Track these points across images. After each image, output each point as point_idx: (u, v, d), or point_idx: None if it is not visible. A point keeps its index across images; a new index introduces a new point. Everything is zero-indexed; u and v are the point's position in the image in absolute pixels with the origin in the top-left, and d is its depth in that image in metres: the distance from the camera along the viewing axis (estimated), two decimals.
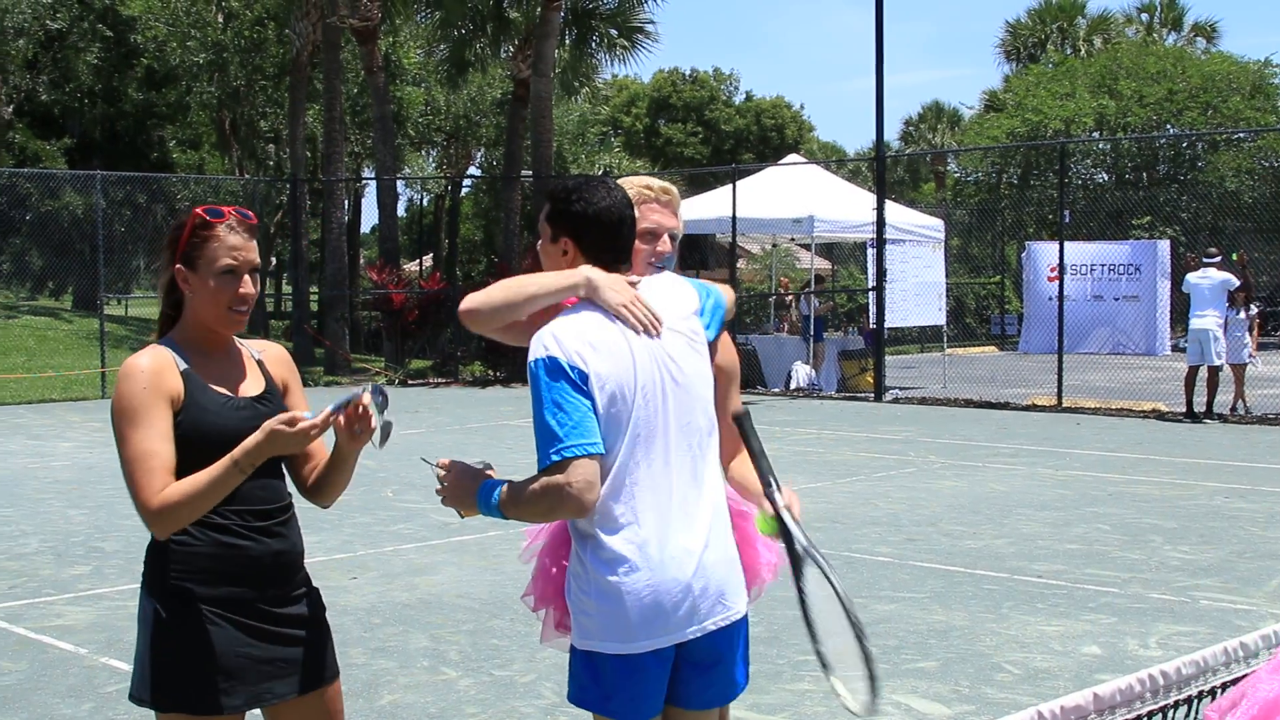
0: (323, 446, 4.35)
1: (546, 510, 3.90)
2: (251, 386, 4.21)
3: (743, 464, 4.66)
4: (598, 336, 3.96)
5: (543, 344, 3.93)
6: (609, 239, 4.14)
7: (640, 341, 3.99)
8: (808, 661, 4.99)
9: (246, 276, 4.17)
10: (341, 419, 4.03)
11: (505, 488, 3.95)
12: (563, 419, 3.83)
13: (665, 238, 4.67)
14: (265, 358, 4.40)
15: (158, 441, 3.96)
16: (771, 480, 4.15)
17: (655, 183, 4.81)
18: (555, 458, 3.81)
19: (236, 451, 3.94)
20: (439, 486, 4.13)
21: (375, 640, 8.85)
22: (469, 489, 4.06)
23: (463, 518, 4.22)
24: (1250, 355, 22.68)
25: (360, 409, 4.02)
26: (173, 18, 45.88)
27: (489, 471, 4.08)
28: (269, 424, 3.94)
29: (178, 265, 4.16)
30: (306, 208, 39.61)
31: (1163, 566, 11.13)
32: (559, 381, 3.87)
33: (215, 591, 4.05)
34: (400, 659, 8.42)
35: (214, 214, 4.16)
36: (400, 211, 48.90)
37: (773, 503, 4.15)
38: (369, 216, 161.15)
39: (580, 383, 3.88)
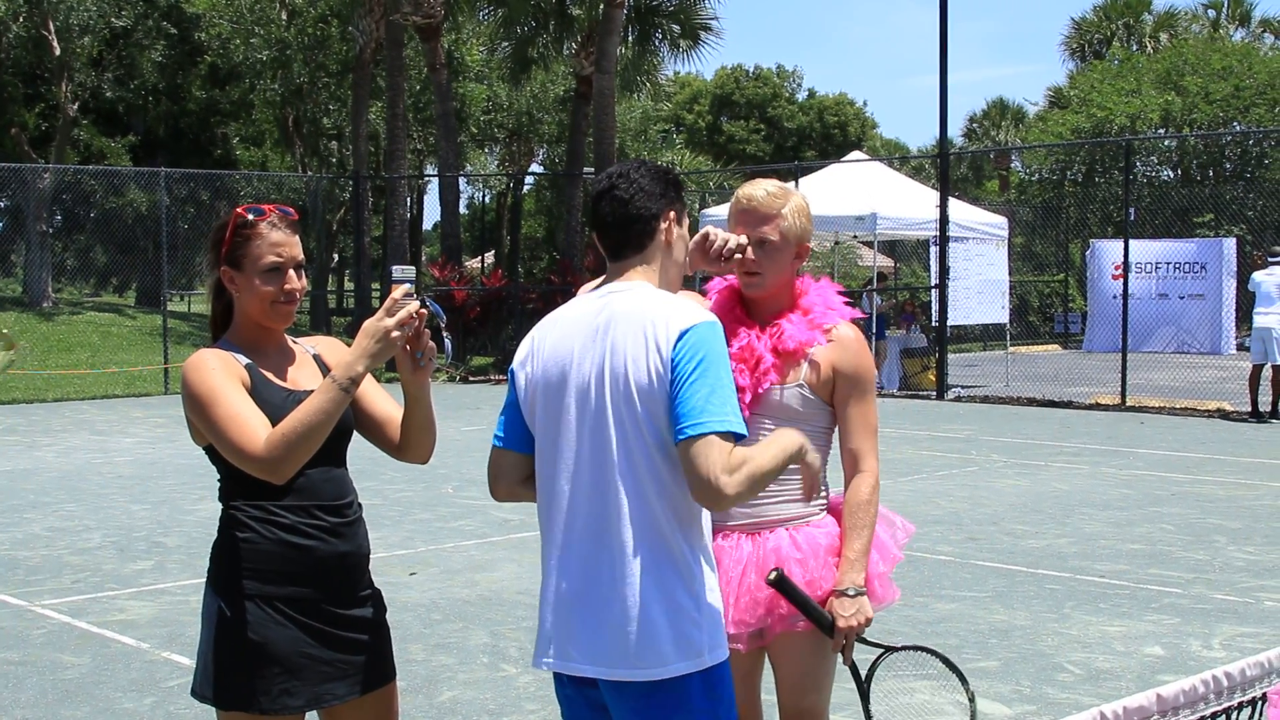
0: (394, 405, 4.36)
1: None
2: (310, 380, 4.23)
3: (848, 496, 4.72)
4: (548, 333, 4.00)
5: None
6: (596, 219, 4.06)
7: (585, 351, 3.87)
8: (916, 672, 4.95)
9: (291, 272, 4.18)
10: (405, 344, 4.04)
11: None
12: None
13: (749, 249, 4.67)
14: (320, 350, 4.42)
15: (245, 405, 3.99)
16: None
17: (743, 189, 4.80)
18: None
19: (335, 371, 3.95)
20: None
21: (435, 636, 8.87)
22: None
23: None
24: None
25: (416, 319, 4.00)
26: (236, 15, 46.18)
27: None
28: (362, 329, 3.98)
29: (223, 266, 4.19)
30: (369, 205, 39.78)
31: (1227, 567, 11.05)
32: (509, 374, 4.10)
33: (280, 591, 4.07)
34: (460, 655, 8.44)
35: (255, 212, 4.18)
36: (462, 209, 49.01)
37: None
38: (431, 213, 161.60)
39: (511, 377, 4.07)
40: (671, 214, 4.01)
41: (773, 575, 4.39)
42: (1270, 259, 22.05)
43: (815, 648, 4.66)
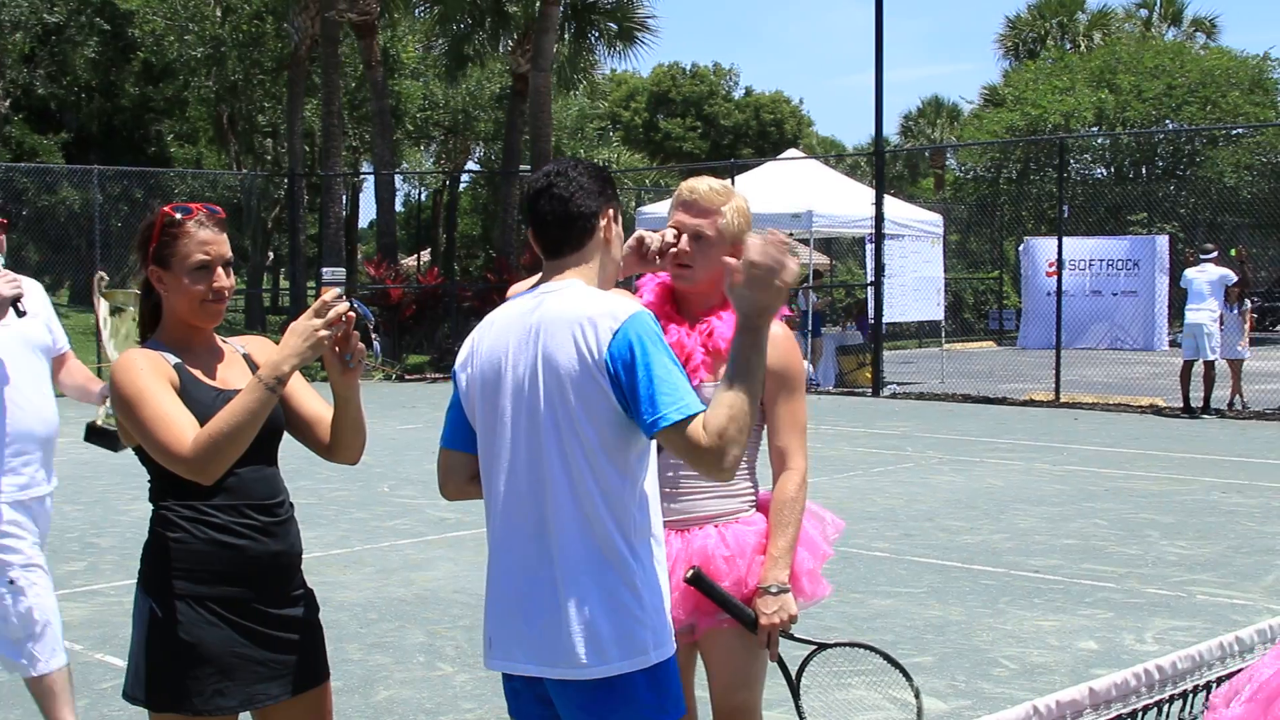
0: (324, 405, 4.34)
1: None
2: (240, 379, 4.20)
3: (774, 494, 4.74)
4: (485, 334, 3.98)
5: None
6: (532, 217, 3.99)
7: (518, 352, 3.85)
8: (855, 669, 4.97)
9: (220, 269, 4.16)
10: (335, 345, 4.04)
11: None
12: None
13: (685, 238, 4.69)
14: (250, 350, 4.39)
15: (173, 405, 3.96)
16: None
17: (689, 181, 4.82)
18: None
19: (262, 371, 3.94)
20: None
21: (371, 636, 8.84)
22: None
23: None
24: (1243, 349, 22.72)
25: (345, 320, 4.00)
26: (170, 12, 45.83)
27: None
28: (290, 329, 3.97)
29: (151, 266, 4.16)
30: (304, 202, 39.59)
31: (1159, 561, 11.13)
32: (453, 374, 4.09)
33: (212, 591, 4.03)
34: (396, 654, 8.41)
35: (182, 211, 4.17)
36: (398, 206, 48.81)
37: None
38: (367, 211, 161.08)
39: (454, 377, 4.06)
40: (610, 212, 3.98)
41: (689, 574, 4.41)
42: (1202, 256, 22.24)
43: (745, 645, 4.67)
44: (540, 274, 4.02)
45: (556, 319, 3.81)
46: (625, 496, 3.75)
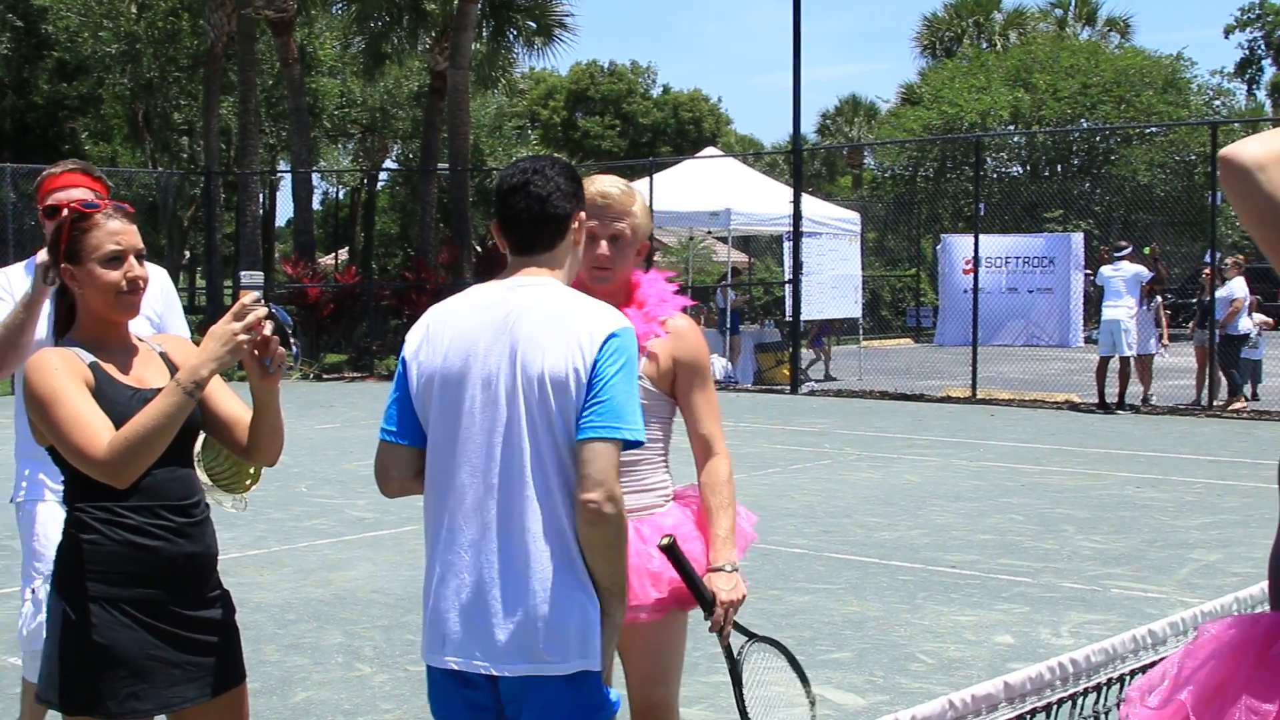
0: (243, 407, 4.31)
1: None
2: (156, 378, 4.16)
3: (706, 479, 4.76)
4: (445, 324, 3.93)
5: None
6: (508, 212, 3.96)
7: (491, 343, 3.82)
8: (768, 665, 4.98)
9: (132, 259, 4.13)
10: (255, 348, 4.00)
11: None
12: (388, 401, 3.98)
13: (603, 242, 4.69)
14: (167, 349, 4.36)
15: (87, 406, 3.92)
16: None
17: (596, 185, 4.81)
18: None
19: (180, 374, 3.92)
20: None
21: (289, 637, 8.79)
22: None
23: None
24: (1161, 346, 22.94)
25: (261, 326, 3.97)
26: (84, 8, 45.35)
27: None
28: (209, 333, 3.94)
29: (63, 264, 4.13)
30: (221, 201, 39.26)
31: (1075, 556, 11.23)
32: (399, 365, 3.99)
33: (127, 593, 3.99)
34: (314, 655, 8.37)
35: (90, 205, 4.15)
36: (316, 205, 48.56)
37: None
38: (284, 209, 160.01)
39: (402, 372, 3.96)
40: (580, 214, 4.03)
41: (665, 541, 4.41)
42: (1117, 253, 22.44)
43: (662, 641, 4.70)
44: (506, 269, 4.01)
45: (542, 316, 3.82)
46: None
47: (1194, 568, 10.84)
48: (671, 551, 4.41)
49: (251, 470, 4.55)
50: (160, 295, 5.76)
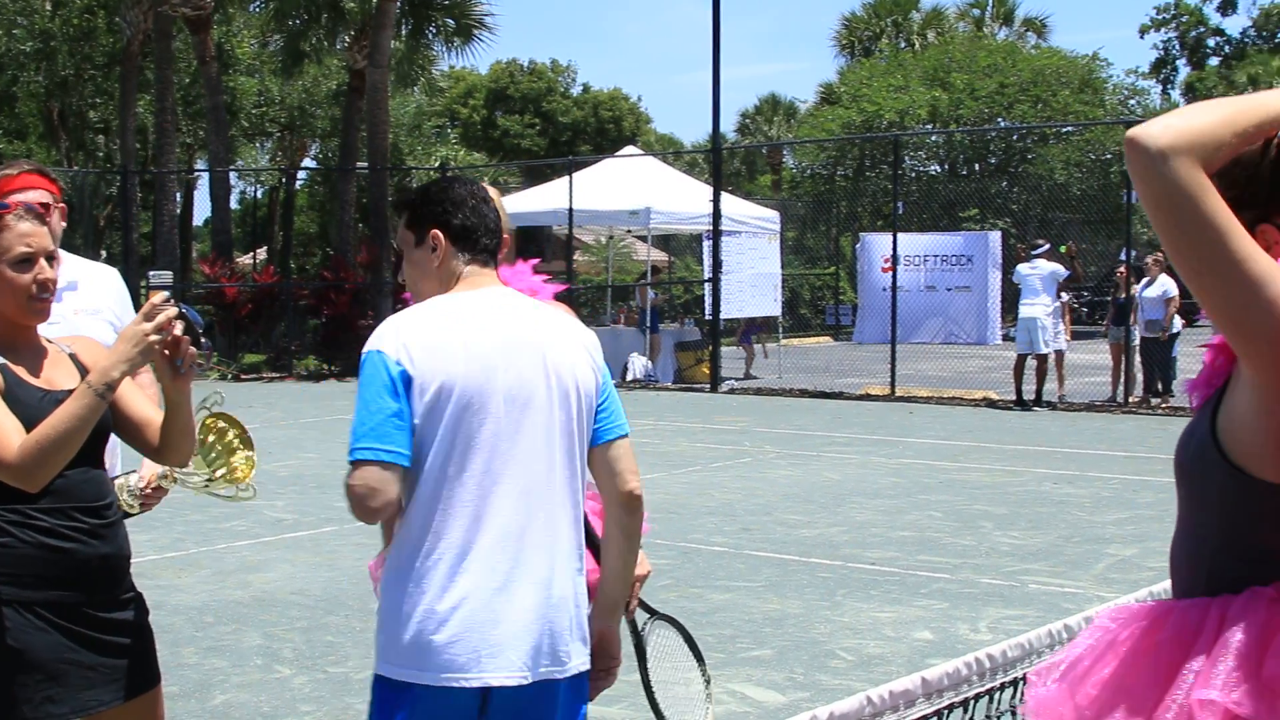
0: (154, 408, 4.27)
1: (351, 510, 3.70)
2: (67, 379, 4.12)
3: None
4: (438, 332, 3.74)
5: (378, 334, 3.74)
6: (477, 220, 3.95)
7: (507, 341, 3.79)
8: (665, 643, 5.00)
9: (43, 261, 4.09)
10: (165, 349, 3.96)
11: None
12: (365, 418, 3.64)
13: None
14: (77, 350, 4.31)
15: None
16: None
17: None
18: (349, 458, 3.64)
19: (92, 376, 3.89)
20: None
21: (208, 639, 8.73)
22: None
23: None
24: (1065, 342, 23.16)
25: (171, 326, 3.93)
26: None
27: None
28: (120, 334, 3.92)
29: None
30: (137, 200, 38.89)
31: (993, 552, 11.31)
32: (371, 378, 3.68)
33: (39, 595, 3.95)
34: (233, 658, 8.31)
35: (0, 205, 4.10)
36: (233, 204, 48.20)
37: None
38: (202, 209, 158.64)
39: (399, 385, 3.67)
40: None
41: None
42: (1034, 251, 22.61)
43: None
44: (467, 276, 3.96)
45: (554, 326, 3.92)
46: None
47: (1110, 562, 10.94)
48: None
49: (238, 445, 4.55)
50: (117, 299, 5.52)
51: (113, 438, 4.45)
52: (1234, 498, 2.62)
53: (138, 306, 4.29)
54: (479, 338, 3.76)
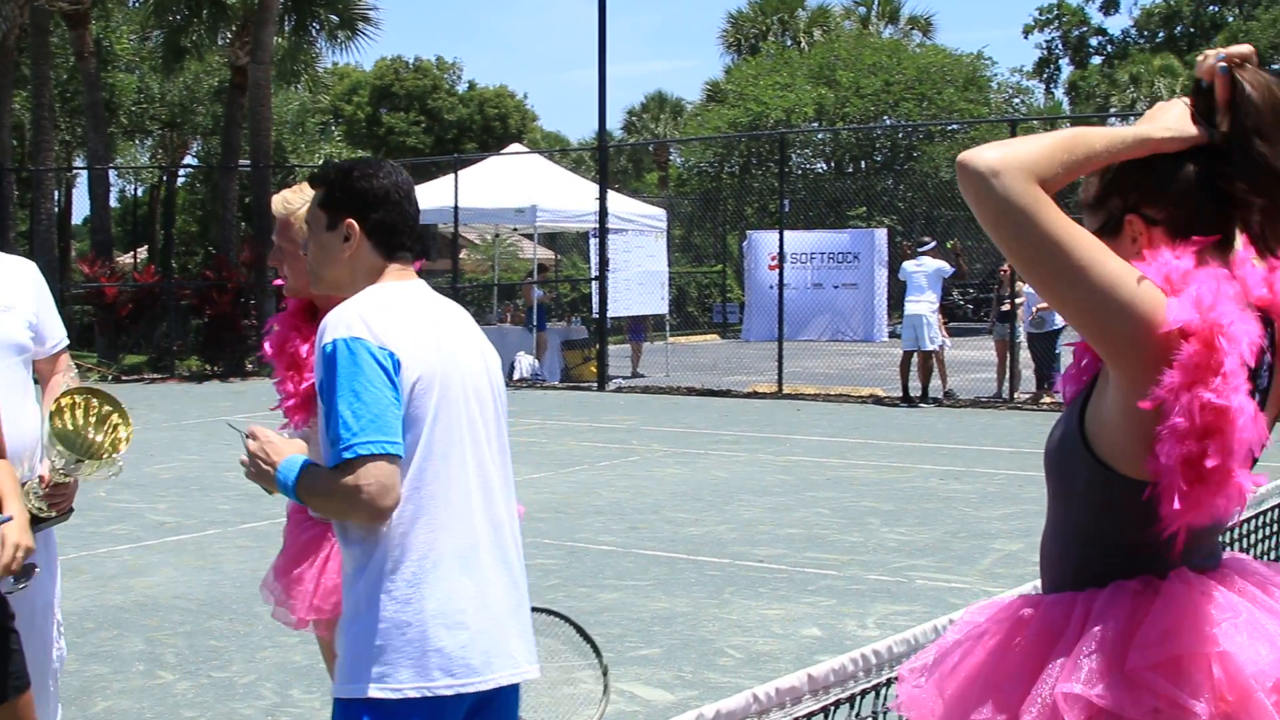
0: None
1: (337, 512, 3.55)
2: None
3: None
4: (408, 319, 3.65)
5: (344, 323, 3.54)
6: (399, 217, 3.81)
7: (462, 334, 3.79)
8: (552, 634, 4.97)
9: None
10: None
11: (305, 472, 3.58)
12: (360, 410, 3.44)
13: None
14: None
15: None
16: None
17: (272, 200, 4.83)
18: (346, 455, 3.42)
19: None
20: (245, 458, 3.70)
21: (88, 645, 8.58)
22: (271, 463, 3.65)
23: (270, 494, 3.76)
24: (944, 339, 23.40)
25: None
26: None
27: (296, 440, 3.78)
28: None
29: None
30: (14, 198, 38.39)
31: (880, 548, 11.35)
32: (360, 366, 3.48)
33: None
34: (114, 664, 8.19)
35: None
36: (113, 202, 47.68)
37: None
38: (80, 208, 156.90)
39: (392, 371, 3.52)
40: None
41: None
42: (919, 249, 22.78)
43: None
44: (395, 268, 3.85)
45: (478, 330, 3.92)
46: None
47: (996, 557, 11.02)
48: None
49: (111, 414, 4.48)
50: (34, 295, 5.14)
51: (32, 439, 4.42)
52: (1101, 494, 2.69)
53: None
54: (440, 329, 3.72)
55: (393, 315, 3.60)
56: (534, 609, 4.79)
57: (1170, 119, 2.71)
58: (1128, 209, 2.70)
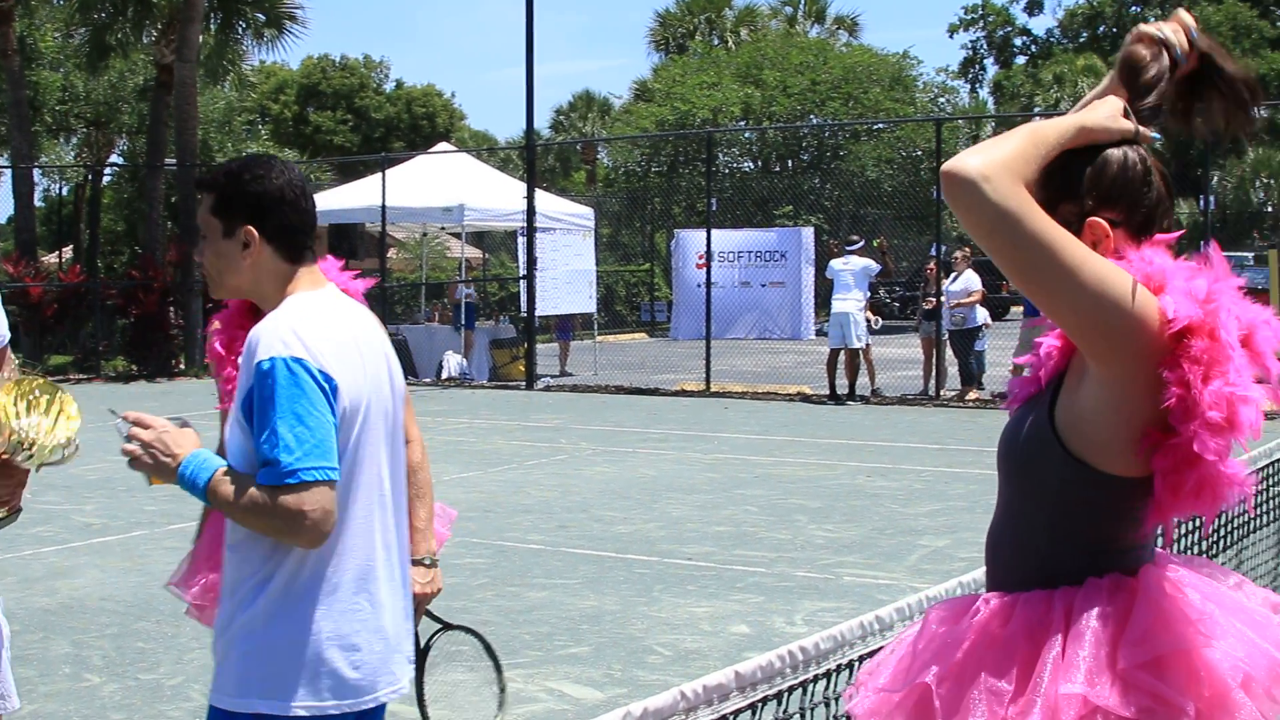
0: None
1: (267, 530, 3.45)
2: None
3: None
4: (339, 339, 3.57)
5: (281, 340, 3.45)
6: (299, 218, 3.69)
7: (375, 348, 3.73)
8: (461, 652, 4.98)
9: None
10: None
11: (222, 475, 3.47)
12: (303, 434, 3.38)
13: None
14: None
15: None
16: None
17: None
18: (288, 480, 3.37)
19: None
20: (127, 445, 3.52)
21: (13, 649, 8.47)
22: (172, 455, 3.51)
23: (150, 484, 3.66)
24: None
25: None
26: None
27: (189, 430, 3.60)
28: None
29: None
30: None
31: (808, 545, 11.41)
32: (303, 389, 3.42)
33: None
34: (41, 667, 8.13)
35: None
36: (38, 201, 47.20)
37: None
38: (4, 207, 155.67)
39: (330, 395, 3.47)
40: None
41: None
42: (847, 248, 22.89)
43: None
44: (302, 271, 3.74)
45: (382, 332, 3.85)
46: None
47: (923, 554, 11.10)
48: None
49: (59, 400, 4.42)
50: None
51: None
52: (1074, 490, 2.72)
53: None
54: (360, 347, 3.65)
55: (325, 335, 3.53)
56: (446, 626, 4.82)
57: (1103, 112, 2.77)
58: (1085, 214, 2.74)
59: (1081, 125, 2.72)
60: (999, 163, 2.52)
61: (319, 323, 3.56)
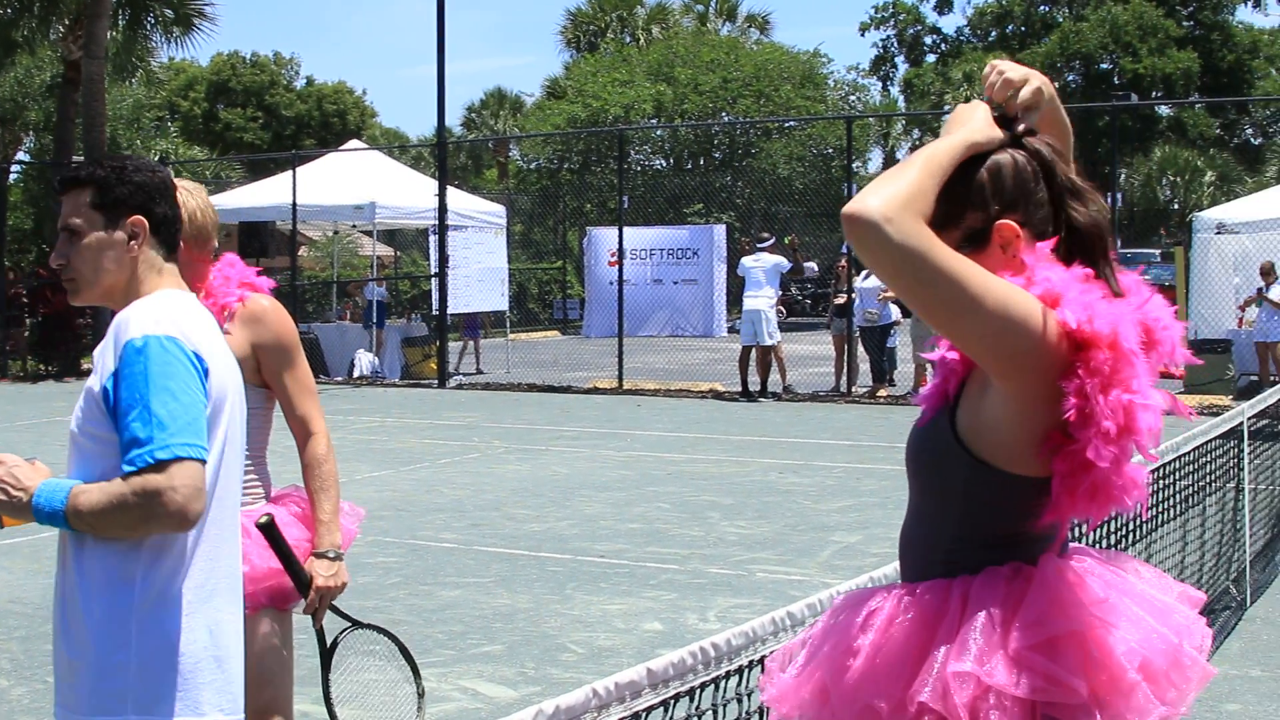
0: None
1: (137, 521, 3.23)
2: None
3: (306, 460, 4.68)
4: (209, 333, 3.49)
5: (153, 319, 3.35)
6: (175, 212, 3.61)
7: (231, 358, 3.60)
8: (374, 651, 4.97)
9: None
10: None
11: (78, 489, 3.30)
12: (175, 410, 3.24)
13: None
14: None
15: None
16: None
17: None
18: (159, 455, 3.20)
19: None
20: None
21: None
22: (24, 489, 3.34)
23: (2, 526, 3.42)
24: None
25: None
26: None
27: (38, 465, 3.42)
28: None
29: None
30: None
31: (721, 542, 11.45)
32: (176, 366, 3.30)
33: None
34: None
35: None
36: None
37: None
38: None
39: (201, 376, 3.36)
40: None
41: (263, 520, 4.35)
42: (758, 245, 22.96)
43: (257, 641, 4.54)
44: (171, 272, 3.62)
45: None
46: None
47: (835, 549, 11.16)
48: (269, 531, 4.37)
49: None
50: None
51: None
52: (978, 489, 2.79)
53: None
54: (221, 343, 3.56)
55: (192, 321, 3.45)
56: (360, 626, 4.80)
57: (981, 124, 2.82)
58: (992, 219, 2.78)
59: (970, 142, 2.78)
60: (899, 202, 2.54)
61: (190, 313, 3.48)
